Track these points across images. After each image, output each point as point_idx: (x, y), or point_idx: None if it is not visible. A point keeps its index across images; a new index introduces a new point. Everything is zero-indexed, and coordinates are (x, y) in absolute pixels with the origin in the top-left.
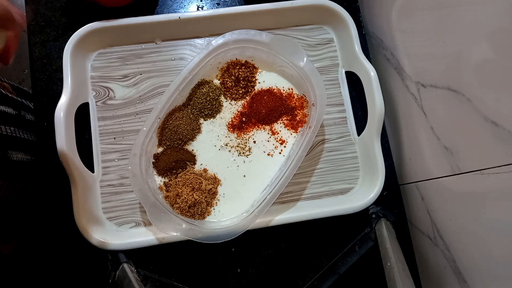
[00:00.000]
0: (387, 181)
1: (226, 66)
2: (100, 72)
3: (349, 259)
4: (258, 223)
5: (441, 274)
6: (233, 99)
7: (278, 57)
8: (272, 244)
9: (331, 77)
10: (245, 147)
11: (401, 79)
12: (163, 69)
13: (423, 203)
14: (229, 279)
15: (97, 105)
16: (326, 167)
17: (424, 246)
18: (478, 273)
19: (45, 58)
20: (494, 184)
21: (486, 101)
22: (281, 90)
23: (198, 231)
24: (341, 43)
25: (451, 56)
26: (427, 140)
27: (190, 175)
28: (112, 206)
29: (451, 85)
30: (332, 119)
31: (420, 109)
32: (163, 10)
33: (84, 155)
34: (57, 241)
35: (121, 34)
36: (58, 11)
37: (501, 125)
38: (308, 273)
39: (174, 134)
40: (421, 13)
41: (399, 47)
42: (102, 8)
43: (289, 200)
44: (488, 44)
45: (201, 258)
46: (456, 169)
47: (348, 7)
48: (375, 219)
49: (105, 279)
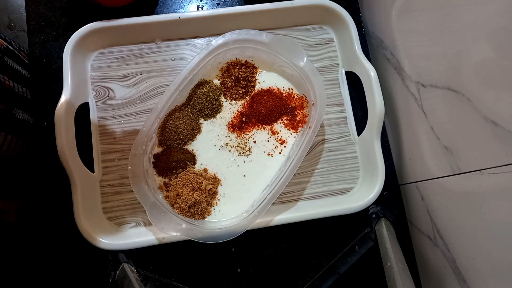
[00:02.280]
0: (387, 181)
1: (226, 66)
2: (100, 72)
3: (349, 259)
4: (258, 223)
5: (441, 274)
6: (233, 99)
7: (278, 57)
8: (272, 244)
9: (331, 77)
10: (245, 147)
11: (401, 79)
12: (163, 69)
13: (423, 203)
14: (229, 279)
15: (97, 105)
16: (326, 167)
17: (424, 246)
18: (478, 273)
19: (45, 58)
20: (494, 184)
21: (486, 101)
22: (281, 90)
23: (198, 231)
24: (341, 43)
25: (451, 56)
26: (427, 140)
27: (190, 175)
28: (112, 206)
29: (451, 85)
30: (332, 119)
31: (420, 109)
32: (163, 10)
33: (84, 155)
34: (57, 241)
35: (121, 34)
36: (58, 11)
37: (501, 125)
38: (308, 273)
39: (174, 134)
40: (421, 13)
41: (399, 47)
42: (102, 8)
43: (289, 200)
44: (488, 44)
45: (201, 258)
46: (456, 169)
47: (348, 7)
48: (375, 219)
49: (105, 279)
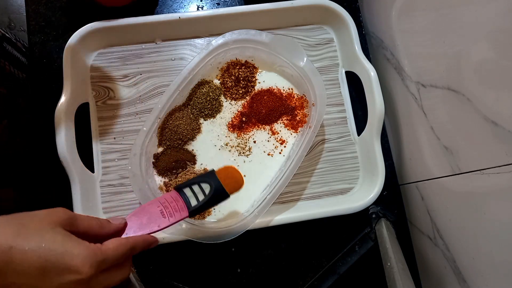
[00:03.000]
0: (387, 181)
1: (226, 66)
2: (100, 72)
3: (349, 259)
4: (258, 223)
5: (441, 274)
6: (233, 99)
7: (278, 57)
8: (272, 244)
9: (331, 77)
10: (245, 147)
11: (401, 79)
12: (163, 69)
13: (423, 203)
14: (229, 279)
15: (97, 105)
16: (326, 167)
17: (424, 246)
18: (478, 273)
19: (45, 58)
20: (494, 184)
21: (486, 101)
22: (281, 90)
23: (198, 231)
24: (341, 43)
25: (451, 56)
26: (427, 140)
27: (190, 175)
28: (112, 206)
29: (451, 85)
30: (332, 119)
31: (420, 109)
32: (163, 10)
33: (84, 155)
34: None
35: (121, 34)
36: (58, 11)
37: (501, 125)
38: (308, 273)
39: (174, 134)
40: (421, 13)
41: (399, 47)
42: (102, 8)
43: (289, 200)
44: (488, 44)
45: (201, 258)
46: (456, 169)
47: (348, 7)
48: (375, 219)
49: None
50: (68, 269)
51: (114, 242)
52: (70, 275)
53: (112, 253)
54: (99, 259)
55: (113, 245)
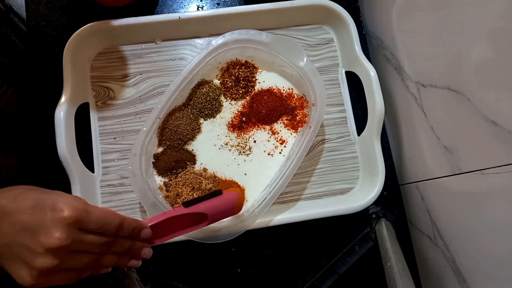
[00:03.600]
0: (387, 181)
1: (226, 66)
2: (100, 72)
3: (349, 259)
4: (258, 223)
5: (441, 274)
6: (233, 99)
7: (278, 57)
8: (272, 244)
9: (331, 77)
10: (245, 146)
11: (401, 79)
12: (163, 69)
13: (423, 203)
14: (229, 279)
15: (97, 105)
16: (326, 167)
17: (424, 246)
18: (478, 273)
19: (45, 58)
20: (494, 184)
21: (486, 101)
22: (281, 90)
23: (198, 231)
24: (341, 43)
25: (451, 56)
26: (427, 140)
27: (190, 175)
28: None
29: (451, 85)
30: (332, 119)
31: (420, 109)
32: (163, 10)
33: (84, 155)
34: None
35: (121, 34)
36: (58, 11)
37: (501, 125)
38: (308, 273)
39: (174, 134)
40: (421, 13)
41: (399, 47)
42: (102, 8)
43: (289, 200)
44: (488, 44)
45: (201, 258)
46: (456, 169)
47: (348, 7)
48: (375, 219)
49: (105, 278)
50: (54, 207)
51: (104, 209)
52: (53, 212)
53: (98, 213)
54: (83, 207)
55: (101, 209)
